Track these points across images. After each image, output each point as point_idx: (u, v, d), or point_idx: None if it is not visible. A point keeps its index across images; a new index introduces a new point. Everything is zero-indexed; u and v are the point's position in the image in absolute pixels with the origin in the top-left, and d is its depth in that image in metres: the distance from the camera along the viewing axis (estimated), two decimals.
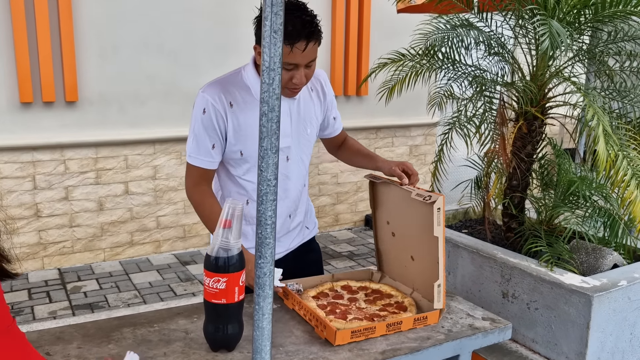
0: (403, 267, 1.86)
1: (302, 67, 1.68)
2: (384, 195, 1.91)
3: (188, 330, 1.56)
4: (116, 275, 4.41)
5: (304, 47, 1.63)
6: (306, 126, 1.90)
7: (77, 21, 4.30)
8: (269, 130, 1.05)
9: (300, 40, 1.62)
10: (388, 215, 1.90)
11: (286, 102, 1.82)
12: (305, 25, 1.62)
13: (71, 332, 1.52)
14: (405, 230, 1.84)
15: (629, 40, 2.22)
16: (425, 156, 6.27)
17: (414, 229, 1.76)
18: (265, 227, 1.09)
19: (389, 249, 1.94)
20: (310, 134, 1.93)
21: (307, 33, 1.63)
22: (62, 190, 4.47)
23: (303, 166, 1.95)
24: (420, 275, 1.76)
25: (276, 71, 1.02)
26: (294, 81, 1.70)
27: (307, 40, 1.63)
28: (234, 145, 1.80)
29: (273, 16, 1.00)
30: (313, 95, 1.93)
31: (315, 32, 1.65)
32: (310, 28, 1.63)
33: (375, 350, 1.48)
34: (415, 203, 1.70)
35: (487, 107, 2.44)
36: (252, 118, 1.77)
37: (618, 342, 1.94)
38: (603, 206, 2.30)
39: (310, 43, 1.64)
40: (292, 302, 1.70)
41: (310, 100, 1.91)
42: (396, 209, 1.86)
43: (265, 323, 1.12)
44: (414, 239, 1.77)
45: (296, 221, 2.02)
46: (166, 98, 4.73)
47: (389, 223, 1.90)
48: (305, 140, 1.92)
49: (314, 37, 1.65)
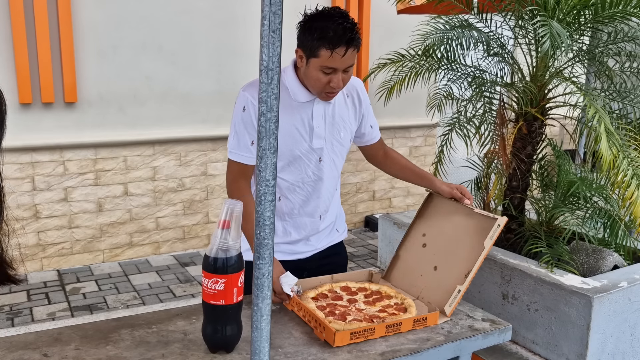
0: (417, 276, 1.87)
1: (339, 71, 1.73)
2: (435, 208, 1.99)
3: (187, 331, 1.55)
4: (115, 277, 4.40)
5: (344, 53, 1.69)
6: (339, 130, 1.94)
7: (76, 22, 4.30)
8: (267, 130, 1.05)
9: (341, 45, 1.68)
10: (428, 228, 1.97)
11: (322, 105, 1.87)
12: (347, 32, 1.68)
13: (69, 333, 1.52)
14: (441, 243, 1.90)
15: (629, 40, 2.21)
16: (425, 157, 6.27)
17: (454, 242, 1.85)
18: (264, 227, 1.08)
19: (410, 257, 1.96)
20: (344, 138, 1.96)
21: (348, 39, 1.68)
22: (61, 192, 4.47)
23: (335, 169, 1.99)
24: (436, 283, 1.78)
25: (274, 71, 1.01)
26: (332, 85, 1.75)
27: (347, 46, 1.69)
28: None
29: (271, 15, 0.99)
30: (348, 102, 1.97)
31: (355, 39, 1.71)
32: (350, 34, 1.69)
33: (374, 352, 1.47)
34: (475, 216, 1.84)
35: (487, 107, 2.44)
36: (288, 119, 1.83)
37: (618, 344, 1.93)
38: (603, 207, 2.30)
39: (349, 49, 1.70)
40: (292, 303, 1.70)
41: (344, 105, 1.96)
42: (442, 222, 1.95)
43: (264, 324, 1.11)
44: (448, 251, 1.84)
45: (326, 222, 2.05)
46: (165, 99, 4.73)
47: (425, 235, 1.96)
48: (337, 144, 1.95)
49: (354, 43, 1.70)
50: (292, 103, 1.83)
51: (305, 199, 1.94)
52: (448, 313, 1.68)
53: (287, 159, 1.87)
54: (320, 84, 1.75)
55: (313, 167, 1.90)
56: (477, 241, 1.79)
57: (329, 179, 1.97)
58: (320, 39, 1.68)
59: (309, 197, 1.94)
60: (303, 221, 1.97)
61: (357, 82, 2.02)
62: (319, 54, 1.70)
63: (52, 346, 1.44)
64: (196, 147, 4.91)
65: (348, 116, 1.96)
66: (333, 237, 2.11)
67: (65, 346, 1.45)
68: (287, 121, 1.84)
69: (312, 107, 1.85)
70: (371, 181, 6.00)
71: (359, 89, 1.99)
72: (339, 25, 1.68)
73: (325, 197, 1.99)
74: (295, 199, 1.94)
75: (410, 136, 6.15)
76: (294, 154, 1.87)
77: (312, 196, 1.94)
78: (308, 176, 1.91)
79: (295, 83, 1.83)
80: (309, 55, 1.73)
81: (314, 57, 1.71)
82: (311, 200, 1.95)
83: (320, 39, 1.68)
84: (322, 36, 1.67)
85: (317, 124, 1.86)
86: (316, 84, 1.76)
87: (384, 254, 2.77)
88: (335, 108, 1.92)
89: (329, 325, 1.50)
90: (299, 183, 1.92)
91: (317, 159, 1.91)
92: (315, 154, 1.90)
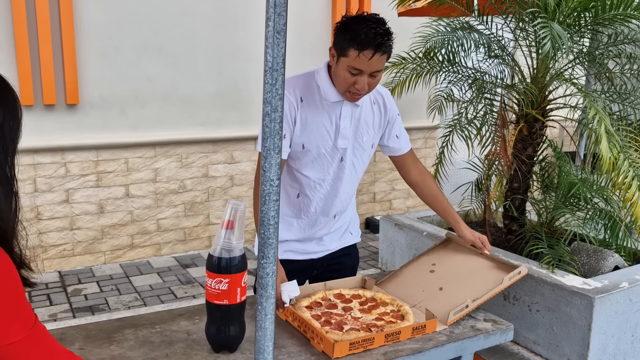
0: (418, 290, 1.87)
1: (366, 74, 1.76)
2: (451, 249, 2.04)
3: (190, 331, 1.55)
4: (117, 278, 4.40)
5: (371, 56, 1.72)
6: (363, 133, 1.97)
7: (78, 24, 4.31)
8: (272, 131, 1.05)
9: (369, 48, 1.71)
10: (439, 260, 2.01)
11: (350, 106, 1.91)
12: (377, 37, 1.71)
13: (73, 333, 1.52)
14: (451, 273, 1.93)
15: (629, 42, 2.22)
16: (425, 159, 6.27)
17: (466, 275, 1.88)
18: (268, 227, 1.09)
19: (413, 276, 1.96)
20: (366, 142, 1.99)
21: (377, 44, 1.71)
22: (63, 193, 4.47)
23: (354, 172, 2.01)
24: (439, 298, 1.79)
25: (279, 72, 1.02)
26: (357, 86, 1.78)
27: (374, 50, 1.71)
28: (298, 137, 1.90)
29: (276, 17, 1.00)
30: (375, 108, 2.00)
31: (384, 45, 1.73)
32: (380, 40, 1.71)
33: (377, 352, 1.48)
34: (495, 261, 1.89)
35: (488, 109, 2.45)
36: (317, 116, 1.88)
37: (619, 344, 1.94)
38: (604, 208, 2.31)
39: (377, 53, 1.72)
40: (285, 313, 1.66)
41: (370, 111, 1.99)
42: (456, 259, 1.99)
43: (268, 323, 1.12)
44: (458, 280, 1.86)
45: (339, 223, 2.07)
46: (166, 101, 4.74)
47: (435, 265, 1.98)
48: (359, 146, 1.98)
49: (383, 49, 1.73)
50: (322, 102, 1.88)
51: (323, 198, 1.96)
52: (449, 321, 1.65)
53: (313, 155, 1.91)
54: (346, 84, 1.78)
55: (335, 166, 1.93)
56: (491, 277, 1.81)
57: (348, 181, 1.99)
58: (351, 40, 1.72)
59: (327, 196, 1.97)
60: (318, 220, 1.99)
61: (385, 91, 2.05)
62: (348, 54, 1.74)
63: None
64: (197, 149, 4.91)
65: (373, 122, 1.99)
66: (346, 240, 2.13)
67: (69, 346, 1.45)
68: (316, 118, 1.88)
69: (340, 107, 1.88)
70: (372, 183, 6.01)
71: (386, 98, 2.03)
72: (371, 29, 1.71)
73: (343, 198, 2.01)
74: (314, 196, 1.96)
75: (411, 138, 6.11)
76: (320, 151, 1.91)
77: (330, 195, 1.97)
78: (329, 174, 1.94)
79: (327, 83, 1.87)
80: (339, 54, 1.77)
81: (344, 56, 1.75)
82: (329, 199, 1.98)
83: (351, 40, 1.72)
84: (353, 37, 1.72)
85: (343, 125, 1.90)
86: (342, 83, 1.80)
87: (385, 255, 2.78)
88: (362, 112, 1.95)
89: (327, 335, 1.47)
90: (319, 181, 1.95)
91: (339, 159, 1.94)
92: (339, 153, 1.93)
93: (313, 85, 1.91)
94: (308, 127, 1.88)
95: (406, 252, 2.59)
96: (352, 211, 2.16)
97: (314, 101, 1.89)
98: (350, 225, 2.14)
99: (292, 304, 1.70)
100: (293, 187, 1.97)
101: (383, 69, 1.81)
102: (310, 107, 1.88)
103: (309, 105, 1.88)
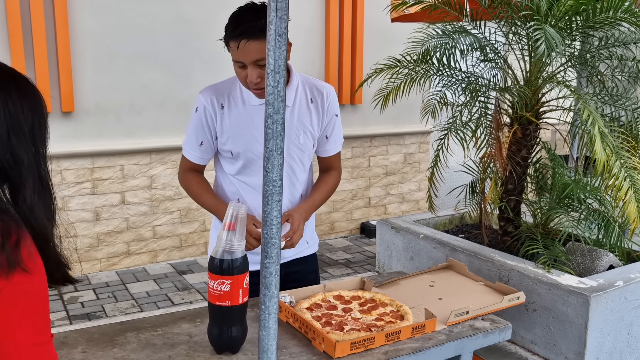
0: (418, 297, 1.89)
1: (250, 65, 1.72)
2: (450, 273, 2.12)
3: (192, 333, 1.57)
4: (113, 285, 4.40)
5: (237, 46, 1.70)
6: (299, 134, 1.92)
7: (73, 32, 4.32)
8: (274, 132, 1.07)
9: (233, 39, 1.70)
10: (438, 278, 2.05)
11: None
12: (239, 25, 1.69)
13: (75, 337, 1.53)
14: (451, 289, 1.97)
15: (619, 45, 2.26)
16: (419, 164, 6.31)
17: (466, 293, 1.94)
18: (271, 227, 1.11)
19: (412, 286, 1.99)
20: (304, 144, 1.94)
21: (239, 32, 1.68)
22: (58, 201, 4.46)
23: (294, 176, 1.96)
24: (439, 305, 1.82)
25: (281, 74, 1.04)
26: (248, 79, 1.75)
27: (239, 39, 1.68)
28: (224, 144, 1.89)
29: (278, 20, 1.03)
30: (312, 106, 1.94)
31: (247, 32, 1.67)
32: (243, 27, 1.68)
33: (378, 351, 1.50)
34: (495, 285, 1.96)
35: (482, 112, 2.48)
36: (242, 121, 1.85)
37: (616, 342, 1.97)
38: (597, 209, 2.34)
39: (243, 41, 1.68)
40: (286, 314, 1.67)
41: (307, 110, 1.93)
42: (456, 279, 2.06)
43: (271, 322, 1.13)
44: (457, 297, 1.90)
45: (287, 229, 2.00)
46: (162, 108, 4.75)
47: (435, 282, 2.02)
48: (295, 148, 1.93)
49: (247, 35, 1.67)
50: (246, 106, 1.86)
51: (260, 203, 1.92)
52: (449, 321, 1.66)
53: (243, 161, 1.89)
54: (242, 80, 1.77)
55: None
56: (490, 299, 1.86)
57: (288, 185, 1.94)
58: (225, 36, 1.74)
59: (256, 193, 1.93)
60: None
61: (328, 88, 1.99)
62: (229, 50, 1.74)
63: (59, 349, 1.46)
64: None
65: (310, 121, 1.93)
66: (300, 249, 2.05)
67: (72, 349, 1.46)
68: (241, 124, 1.86)
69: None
70: (366, 188, 6.04)
71: (326, 95, 1.96)
72: (234, 20, 1.71)
73: (284, 202, 1.95)
74: (252, 201, 1.92)
75: (405, 143, 6.19)
76: (249, 156, 1.88)
77: (258, 192, 1.92)
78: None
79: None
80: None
81: (230, 53, 1.75)
82: (257, 195, 1.92)
83: (225, 36, 1.74)
84: (225, 32, 1.73)
85: None
86: (241, 80, 1.79)
87: (382, 259, 2.79)
88: (295, 111, 1.90)
89: (328, 335, 1.49)
90: (256, 186, 1.92)
91: None
92: None
93: (237, 90, 1.88)
94: (234, 133, 1.86)
95: (403, 255, 2.61)
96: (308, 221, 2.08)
97: (236, 107, 1.87)
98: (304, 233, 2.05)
99: (293, 305, 1.72)
100: (233, 192, 1.96)
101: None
102: (233, 112, 1.86)
103: (232, 111, 1.86)
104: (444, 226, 2.92)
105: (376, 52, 5.04)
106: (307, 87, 1.95)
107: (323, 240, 5.74)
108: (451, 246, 2.33)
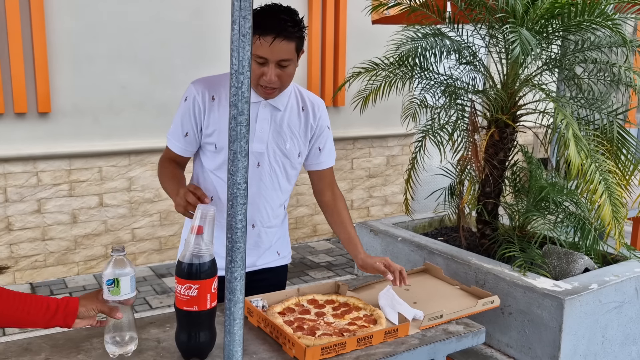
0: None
1: (272, 63, 1.71)
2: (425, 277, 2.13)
3: (160, 339, 1.53)
4: (90, 289, 4.33)
5: (271, 41, 1.67)
6: (286, 139, 1.90)
7: (50, 31, 4.26)
8: (239, 134, 1.05)
9: (269, 34, 1.67)
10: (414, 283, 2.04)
11: (269, 109, 1.85)
12: (279, 22, 1.67)
13: (39, 343, 1.49)
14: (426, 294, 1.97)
15: (594, 49, 2.27)
16: (402, 166, 6.32)
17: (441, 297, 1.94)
18: (236, 231, 1.08)
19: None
20: (290, 150, 1.91)
21: (278, 29, 1.67)
22: (35, 203, 4.39)
23: (276, 181, 1.93)
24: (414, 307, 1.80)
25: (245, 75, 1.02)
26: (264, 78, 1.73)
27: (275, 35, 1.67)
28: (209, 136, 1.86)
29: (241, 20, 1.01)
30: (302, 115, 1.94)
31: (285, 30, 1.68)
32: (282, 25, 1.67)
33: (349, 356, 1.48)
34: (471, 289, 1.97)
35: (460, 115, 2.47)
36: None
37: (590, 345, 1.97)
38: (574, 212, 2.34)
39: (278, 39, 1.67)
40: (257, 319, 1.64)
41: (297, 117, 1.93)
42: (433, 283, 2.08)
43: (236, 328, 1.11)
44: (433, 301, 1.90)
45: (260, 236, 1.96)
46: (141, 109, 4.70)
47: (410, 286, 1.99)
48: (281, 153, 1.91)
49: (284, 34, 1.68)
50: None
51: None
52: (423, 325, 1.65)
53: (225, 155, 1.84)
54: (254, 75, 1.74)
55: (251, 172, 1.85)
56: (465, 303, 1.87)
57: (270, 190, 1.92)
58: (254, 27, 1.70)
59: None
60: None
61: (319, 101, 2.00)
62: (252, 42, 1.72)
63: (21, 356, 1.42)
64: None
65: (299, 129, 1.93)
66: (270, 259, 2.03)
67: (35, 356, 1.42)
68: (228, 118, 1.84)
69: (258, 108, 1.83)
70: (349, 190, 6.02)
71: (316, 107, 1.97)
72: (273, 16, 1.69)
73: (261, 207, 1.92)
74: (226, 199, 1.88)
75: (387, 145, 6.19)
76: None
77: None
78: None
79: None
80: None
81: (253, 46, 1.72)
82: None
83: (254, 27, 1.70)
84: (256, 25, 1.67)
85: (260, 127, 1.85)
86: (252, 75, 1.74)
87: None
88: (285, 116, 1.89)
89: (299, 340, 1.46)
90: None
91: (255, 164, 1.87)
92: (254, 157, 1.86)
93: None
94: (221, 127, 1.84)
95: None
96: (281, 230, 2.05)
97: (227, 101, 1.83)
98: (276, 245, 2.04)
99: (265, 310, 1.69)
100: (209, 189, 1.91)
101: (295, 61, 1.77)
102: (223, 107, 1.84)
103: (223, 105, 1.84)
104: (423, 229, 2.91)
105: (359, 54, 5.03)
106: (299, 96, 1.96)
107: (305, 242, 5.71)
108: (429, 249, 2.33)
